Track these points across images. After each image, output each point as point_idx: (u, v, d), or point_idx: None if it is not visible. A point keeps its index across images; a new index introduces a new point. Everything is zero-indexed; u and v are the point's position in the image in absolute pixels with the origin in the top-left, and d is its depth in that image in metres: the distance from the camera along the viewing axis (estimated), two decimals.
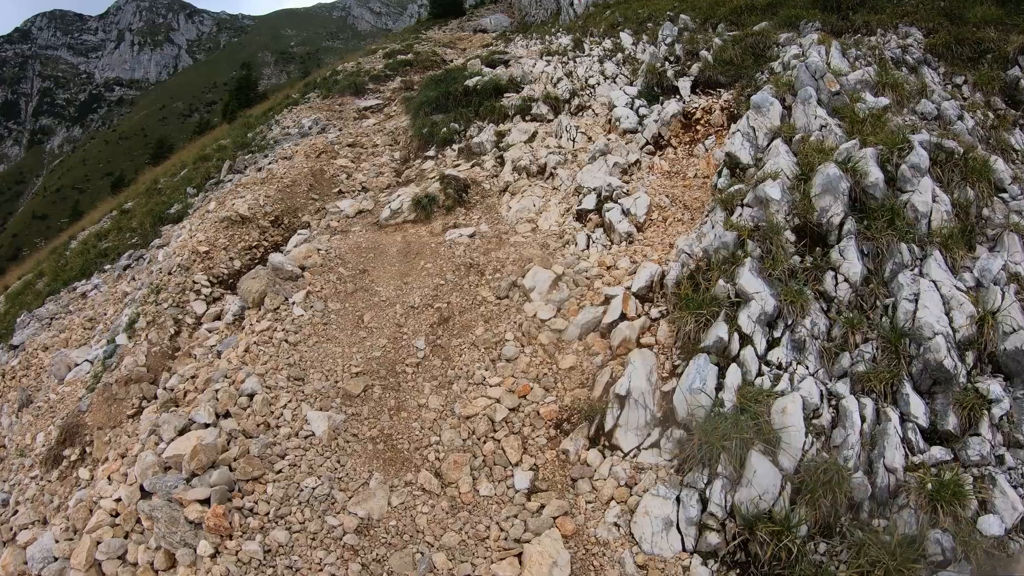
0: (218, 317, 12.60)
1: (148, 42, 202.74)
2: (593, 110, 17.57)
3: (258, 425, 8.59)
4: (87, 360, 13.58)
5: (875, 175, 8.86)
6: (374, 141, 20.91)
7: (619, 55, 19.95)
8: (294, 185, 16.95)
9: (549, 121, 17.70)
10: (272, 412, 8.79)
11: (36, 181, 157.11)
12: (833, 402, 7.41)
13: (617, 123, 15.76)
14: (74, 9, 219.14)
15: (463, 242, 12.65)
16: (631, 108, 16.05)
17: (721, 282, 8.43)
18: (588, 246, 12.09)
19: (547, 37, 28.23)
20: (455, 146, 18.05)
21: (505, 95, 19.35)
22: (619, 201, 12.63)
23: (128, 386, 11.08)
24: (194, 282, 13.53)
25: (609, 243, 12.04)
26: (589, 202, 12.96)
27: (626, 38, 21.01)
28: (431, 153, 18.22)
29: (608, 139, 15.40)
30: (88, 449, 10.56)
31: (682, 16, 19.48)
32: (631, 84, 17.83)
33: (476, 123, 18.69)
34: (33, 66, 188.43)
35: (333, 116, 25.62)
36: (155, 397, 10.79)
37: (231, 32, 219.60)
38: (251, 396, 9.00)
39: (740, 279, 8.26)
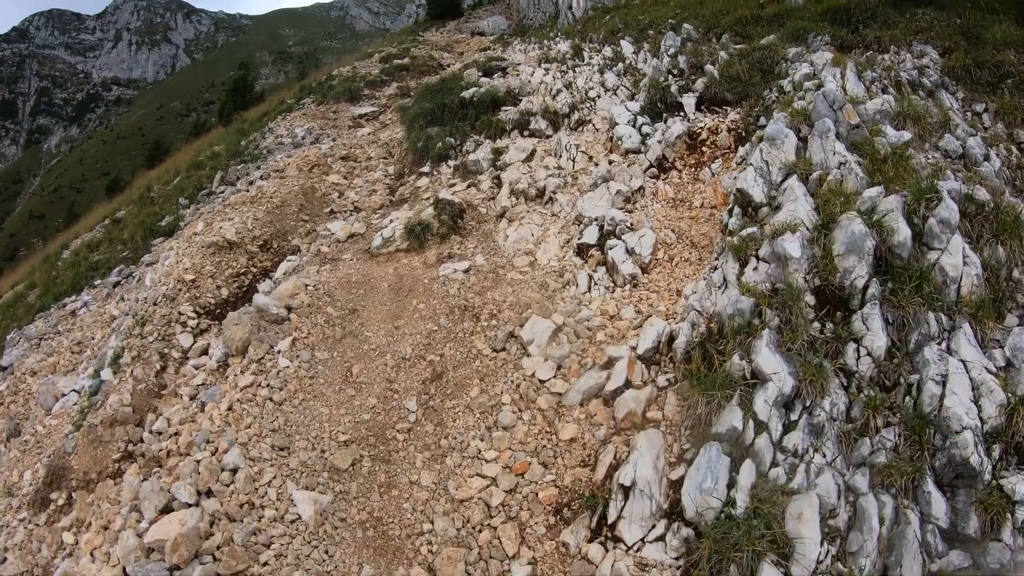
0: (204, 352, 11.98)
1: (146, 42, 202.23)
2: (593, 125, 16.91)
3: (241, 505, 8.00)
4: (74, 390, 13.12)
5: (903, 233, 8.08)
6: (368, 153, 20.26)
7: (620, 65, 19.29)
8: (284, 205, 16.29)
9: (548, 137, 17.05)
10: (256, 490, 8.20)
11: (33, 181, 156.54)
12: (851, 499, 6.73)
13: (619, 142, 15.04)
14: (72, 8, 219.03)
15: (458, 278, 11.95)
16: (633, 126, 15.34)
17: (736, 358, 7.69)
18: (590, 288, 11.34)
19: (545, 42, 27.65)
20: (451, 162, 17.37)
21: (503, 108, 18.70)
22: (623, 237, 11.92)
23: (113, 428, 10.49)
24: (180, 313, 12.87)
25: (612, 285, 11.32)
26: (591, 235, 12.28)
27: (627, 46, 20.37)
28: (426, 169, 17.56)
29: (610, 162, 14.74)
30: (74, 496, 10.00)
31: (685, 25, 18.85)
32: (633, 98, 17.17)
33: (472, 137, 18.00)
34: (31, 65, 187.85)
35: (327, 124, 24.97)
36: (141, 440, 10.21)
37: (229, 32, 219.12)
38: (234, 471, 8.41)
39: (757, 356, 7.51)
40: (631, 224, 12.27)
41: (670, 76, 16.48)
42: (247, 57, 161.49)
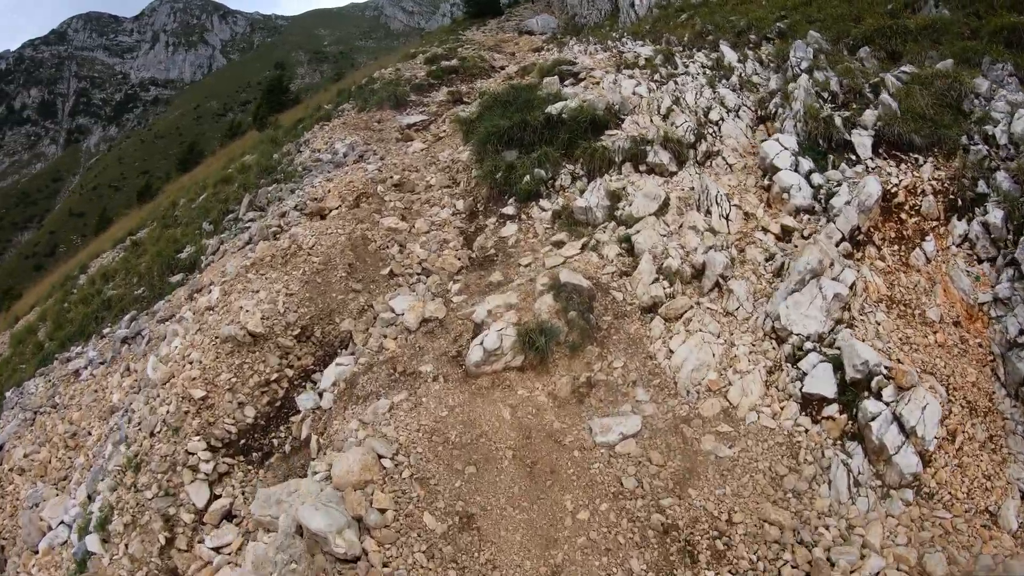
0: (227, 516, 8.16)
1: (182, 43, 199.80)
2: (724, 159, 12.87)
3: None
4: (63, 522, 10.01)
5: None
6: (427, 179, 16.07)
7: (733, 77, 15.23)
8: (327, 268, 12.04)
9: (672, 175, 12.89)
10: None
11: (73, 179, 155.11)
12: None
13: (784, 196, 11.02)
14: (109, 11, 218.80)
15: (628, 452, 7.74)
16: (796, 170, 11.36)
17: None
18: (852, 495, 7.10)
19: (609, 43, 23.73)
20: (544, 203, 13.24)
21: (607, 131, 14.45)
22: (885, 397, 7.54)
23: None
24: (188, 452, 8.95)
25: (881, 485, 7.11)
26: (821, 381, 8.12)
27: (728, 53, 16.41)
28: (510, 211, 13.45)
29: (784, 229, 10.78)
30: None
31: (812, 33, 14.91)
32: (758, 119, 13.87)
33: (566, 167, 13.90)
34: (69, 67, 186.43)
35: (372, 137, 21.06)
36: None
37: (265, 32, 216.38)
38: None
39: None
40: (888, 371, 7.83)
41: (822, 102, 12.65)
42: (283, 57, 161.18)
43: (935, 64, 12.39)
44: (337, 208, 14.51)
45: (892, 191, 10.40)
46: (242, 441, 9.38)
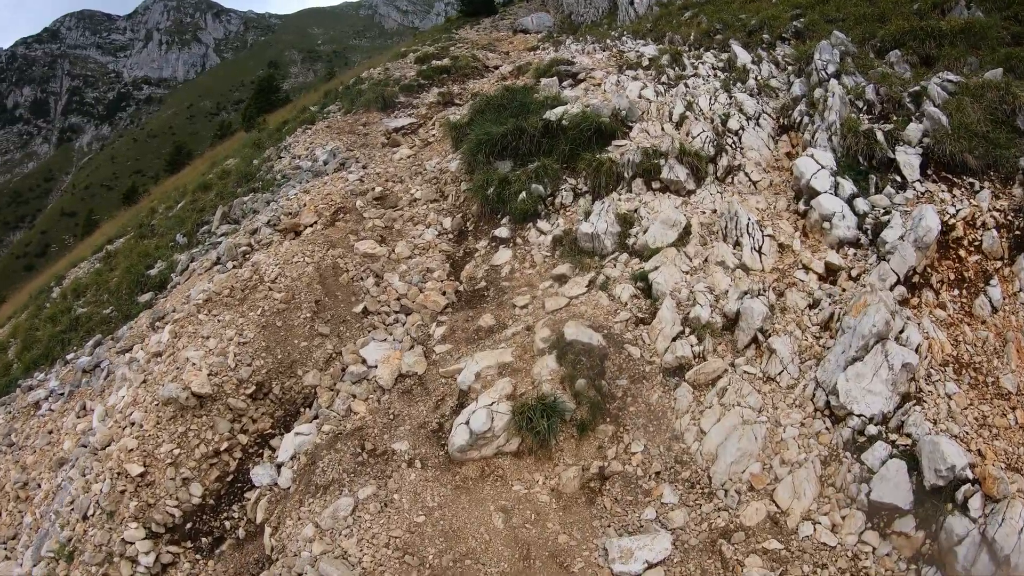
0: None
1: (176, 41, 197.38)
2: (746, 174, 11.24)
3: None
4: None
5: None
6: (411, 192, 14.33)
7: (751, 80, 13.65)
8: (290, 307, 10.20)
9: (690, 192, 11.22)
10: None
11: (65, 179, 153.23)
12: None
13: (826, 226, 9.39)
14: (102, 9, 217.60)
15: None
16: (835, 194, 9.69)
17: None
18: None
19: (608, 42, 22.22)
20: (543, 225, 11.59)
21: (614, 141, 12.70)
22: (978, 520, 5.77)
23: None
24: (124, 542, 7.30)
25: None
26: (892, 487, 6.28)
27: (741, 53, 15.06)
28: (503, 233, 11.77)
29: (830, 269, 9.13)
30: None
31: (836, 34, 13.51)
32: (781, 128, 12.29)
33: (567, 182, 12.24)
34: (62, 65, 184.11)
35: (356, 142, 19.46)
36: None
37: (258, 31, 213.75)
38: None
39: None
40: (971, 468, 6.11)
41: (859, 113, 11.06)
42: (276, 56, 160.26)
43: (975, 72, 10.95)
44: (312, 225, 12.92)
45: (948, 222, 8.79)
46: (188, 525, 7.75)
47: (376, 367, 8.81)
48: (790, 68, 13.91)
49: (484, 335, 9.22)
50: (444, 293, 10.77)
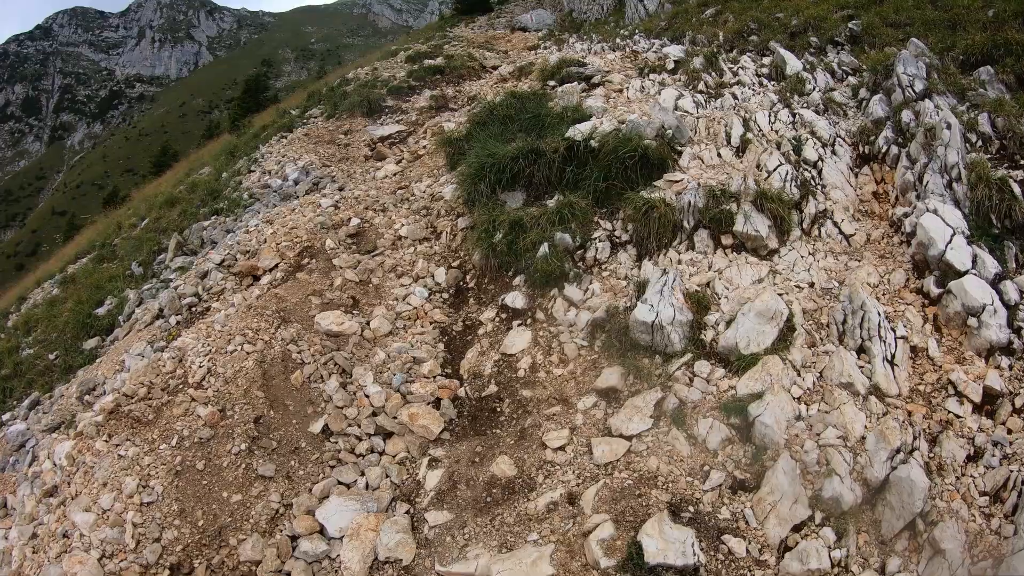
0: None
1: (169, 39, 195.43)
2: (835, 222, 8.22)
3: None
4: None
5: None
6: (395, 227, 11.20)
7: (815, 94, 10.85)
8: (218, 434, 7.00)
9: (772, 252, 8.05)
10: None
11: (56, 177, 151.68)
12: None
13: (972, 324, 6.35)
14: (95, 6, 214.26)
15: None
16: (979, 275, 6.61)
17: None
18: None
19: (617, 40, 19.57)
20: (572, 292, 8.30)
21: (665, 175, 9.31)
22: None
23: None
24: None
25: None
26: None
27: (790, 59, 12.33)
28: (518, 302, 8.56)
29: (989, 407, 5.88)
30: None
31: (915, 42, 10.71)
32: (857, 154, 9.42)
33: (600, 226, 9.02)
34: (54, 63, 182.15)
35: (335, 154, 16.60)
36: None
37: (252, 29, 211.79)
38: None
39: None
40: None
41: (973, 148, 8.46)
42: (270, 54, 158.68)
43: None
44: (272, 270, 10.03)
45: None
46: None
47: (341, 541, 5.84)
48: (851, 80, 11.15)
49: (501, 498, 6.06)
50: (438, 404, 7.52)
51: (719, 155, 9.68)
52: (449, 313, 9.13)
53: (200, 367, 7.65)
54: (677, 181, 9.14)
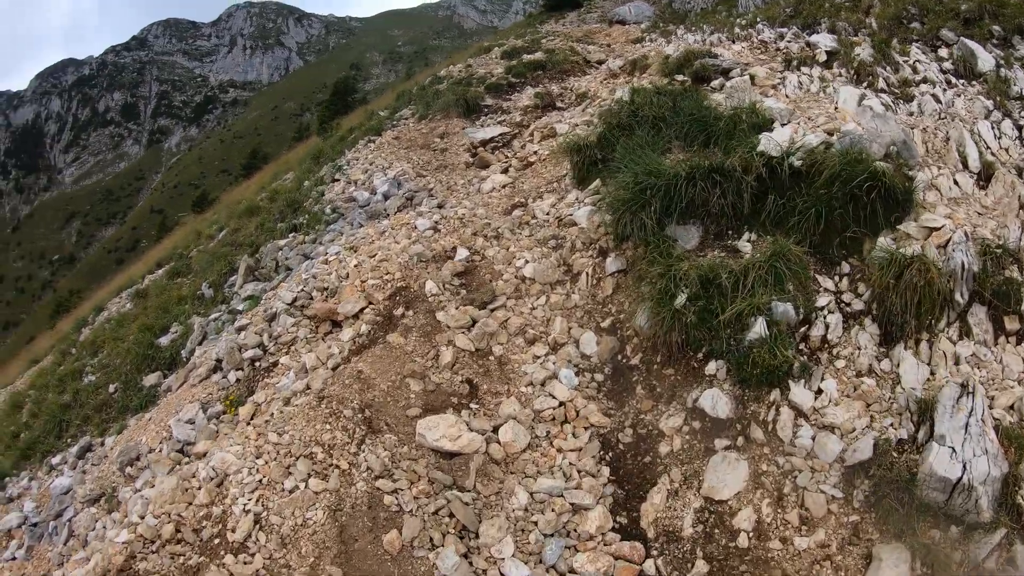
0: None
1: (259, 46, 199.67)
2: None
3: None
4: None
5: None
6: (516, 264, 8.42)
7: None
8: None
9: None
10: None
11: (155, 178, 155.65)
12: None
13: None
14: (188, 17, 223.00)
15: None
16: None
17: None
18: None
19: (736, 30, 16.67)
20: (799, 397, 5.23)
21: (910, 218, 6.08)
22: None
23: None
24: None
25: None
26: None
27: (982, 54, 10.02)
28: (719, 408, 5.54)
29: None
30: None
31: None
32: None
33: (823, 287, 5.97)
34: (151, 71, 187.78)
35: (430, 161, 14.31)
36: None
37: (340, 34, 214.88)
38: None
39: None
40: None
41: None
42: (358, 58, 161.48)
43: None
44: (355, 317, 7.61)
45: None
46: None
47: None
48: None
49: None
50: None
51: (955, 182, 6.79)
52: (609, 410, 6.20)
53: (245, 511, 4.98)
54: (937, 228, 6.01)
